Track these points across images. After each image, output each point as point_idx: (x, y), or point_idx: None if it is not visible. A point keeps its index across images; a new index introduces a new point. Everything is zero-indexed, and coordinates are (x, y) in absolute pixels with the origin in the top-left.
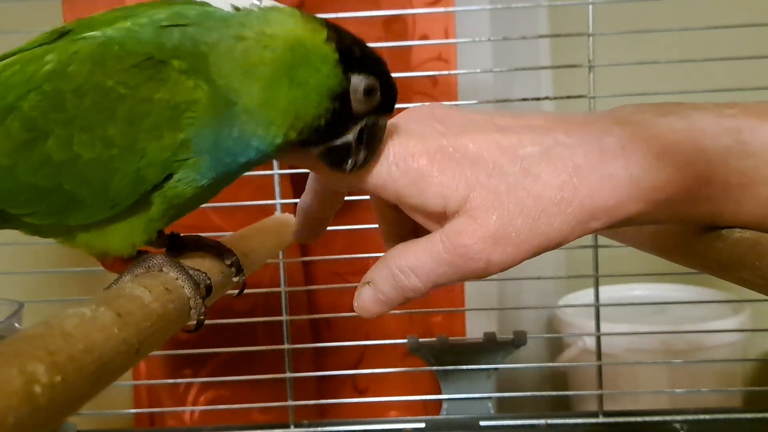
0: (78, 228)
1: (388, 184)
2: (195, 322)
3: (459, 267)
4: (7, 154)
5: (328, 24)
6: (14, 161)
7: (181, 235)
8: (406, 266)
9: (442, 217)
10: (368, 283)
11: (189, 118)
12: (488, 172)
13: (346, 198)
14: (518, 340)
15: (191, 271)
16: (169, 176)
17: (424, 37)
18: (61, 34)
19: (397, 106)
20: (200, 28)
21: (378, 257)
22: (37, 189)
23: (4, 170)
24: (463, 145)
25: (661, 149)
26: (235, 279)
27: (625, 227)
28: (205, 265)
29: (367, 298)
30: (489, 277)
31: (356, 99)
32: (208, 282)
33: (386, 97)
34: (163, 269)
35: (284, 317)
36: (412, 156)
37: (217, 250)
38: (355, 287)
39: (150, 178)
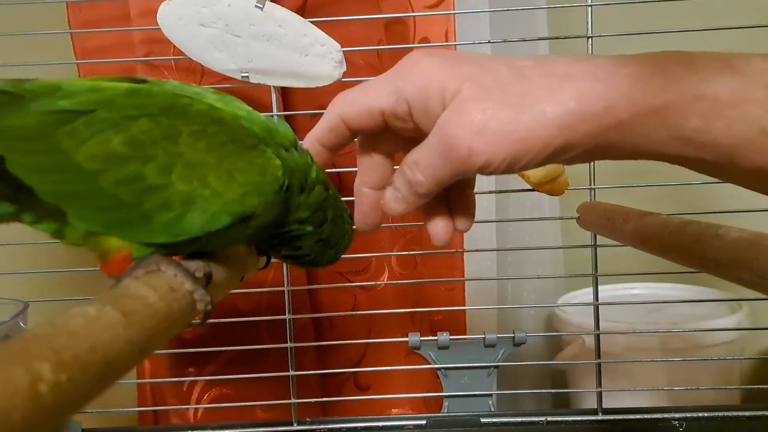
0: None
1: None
2: (201, 313)
3: (447, 156)
4: (99, 161)
5: None
6: (103, 169)
7: None
8: (411, 160)
9: (436, 113)
10: (391, 183)
11: (268, 185)
12: (482, 70)
13: (346, 198)
14: (518, 339)
15: (186, 264)
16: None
17: (425, 40)
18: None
19: None
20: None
21: (379, 257)
22: (115, 199)
23: (89, 174)
24: (469, 55)
25: (653, 64)
26: (260, 268)
27: (617, 156)
28: (230, 252)
29: (389, 196)
30: (488, 278)
31: None
32: (208, 270)
33: None
34: (161, 268)
35: (287, 316)
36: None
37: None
38: (357, 286)
39: (222, 221)
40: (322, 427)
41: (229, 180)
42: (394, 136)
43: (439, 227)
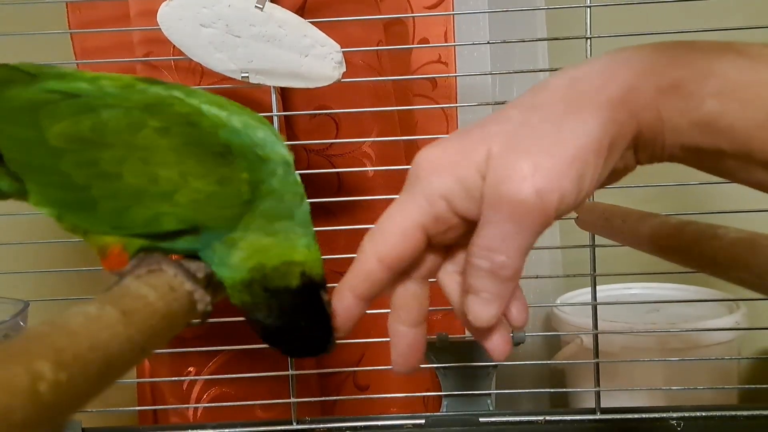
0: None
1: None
2: (201, 314)
3: (519, 217)
4: (64, 140)
5: None
6: (65, 148)
7: None
8: (484, 249)
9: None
10: (467, 294)
11: (227, 198)
12: (495, 123)
13: (346, 198)
14: (517, 338)
15: (186, 264)
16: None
17: (424, 40)
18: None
19: (398, 108)
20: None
21: None
22: (69, 180)
23: (53, 151)
24: (468, 127)
25: (656, 49)
26: None
27: (652, 156)
28: None
29: (474, 305)
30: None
31: None
32: (209, 270)
33: None
34: (162, 267)
35: None
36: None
37: None
38: None
39: (165, 225)
40: (321, 426)
41: (181, 183)
42: (432, 252)
43: (495, 339)
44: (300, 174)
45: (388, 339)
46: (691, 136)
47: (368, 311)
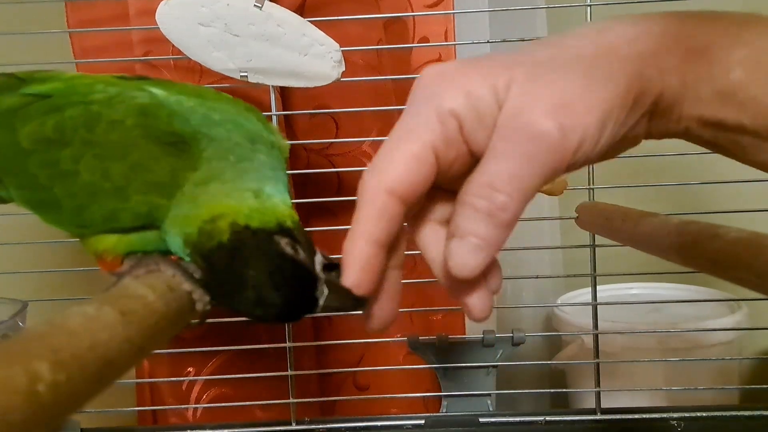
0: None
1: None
2: (200, 313)
3: (533, 151)
4: (32, 141)
5: None
6: (33, 149)
7: None
8: (484, 186)
9: (491, 121)
10: (452, 237)
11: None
12: (519, 54)
13: (346, 198)
14: (517, 339)
15: (185, 264)
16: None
17: (424, 39)
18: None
19: (398, 107)
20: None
21: None
22: (35, 180)
23: (23, 151)
24: (490, 54)
25: (681, 16)
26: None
27: (672, 126)
28: None
29: (460, 251)
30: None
31: None
32: None
33: None
34: (160, 267)
35: None
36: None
37: None
38: None
39: (122, 221)
40: (320, 426)
41: (132, 177)
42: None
43: (475, 297)
44: (300, 174)
45: (388, 339)
46: (712, 108)
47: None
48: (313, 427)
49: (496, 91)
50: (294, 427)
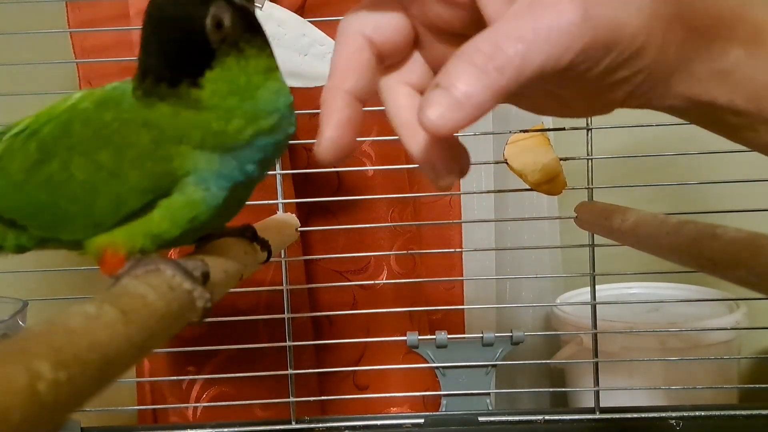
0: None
1: None
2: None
3: (552, 21)
4: (23, 171)
5: None
6: (26, 177)
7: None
8: (489, 42)
9: None
10: (435, 87)
11: (173, 151)
12: None
13: (346, 198)
14: (516, 338)
15: (184, 264)
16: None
17: None
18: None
19: None
20: None
21: (378, 256)
22: (39, 203)
23: (19, 184)
24: None
25: None
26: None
27: (660, 98)
28: (230, 252)
29: (441, 101)
30: (486, 279)
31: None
32: (206, 269)
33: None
34: (160, 267)
35: (286, 315)
36: None
37: (239, 231)
38: (356, 285)
39: (130, 202)
40: (320, 425)
41: (121, 158)
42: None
43: (441, 165)
44: (300, 173)
45: (387, 339)
46: (706, 87)
47: (367, 311)
48: (312, 426)
49: None
50: (294, 426)
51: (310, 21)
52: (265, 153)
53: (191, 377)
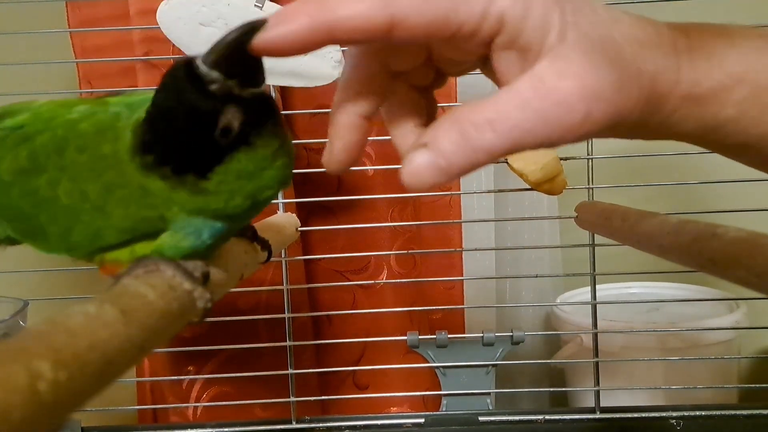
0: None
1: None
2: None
3: (551, 119)
4: (10, 173)
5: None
6: (13, 180)
7: None
8: (483, 119)
9: (530, 57)
10: (424, 144)
11: (163, 210)
12: (580, 11)
13: (346, 197)
14: (516, 338)
15: (184, 264)
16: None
17: None
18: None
19: None
20: None
21: (378, 256)
22: (20, 211)
23: (5, 184)
24: None
25: (692, 31)
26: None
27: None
28: (230, 252)
29: (422, 163)
30: (486, 278)
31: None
32: (206, 269)
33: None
34: (160, 267)
35: (286, 314)
36: None
37: (239, 231)
38: (356, 285)
39: (108, 238)
40: (320, 425)
41: (108, 195)
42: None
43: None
44: (300, 173)
45: (387, 338)
46: (695, 136)
47: (367, 311)
48: (313, 425)
49: (546, 29)
50: (294, 425)
51: None
52: (263, 206)
53: (191, 377)
